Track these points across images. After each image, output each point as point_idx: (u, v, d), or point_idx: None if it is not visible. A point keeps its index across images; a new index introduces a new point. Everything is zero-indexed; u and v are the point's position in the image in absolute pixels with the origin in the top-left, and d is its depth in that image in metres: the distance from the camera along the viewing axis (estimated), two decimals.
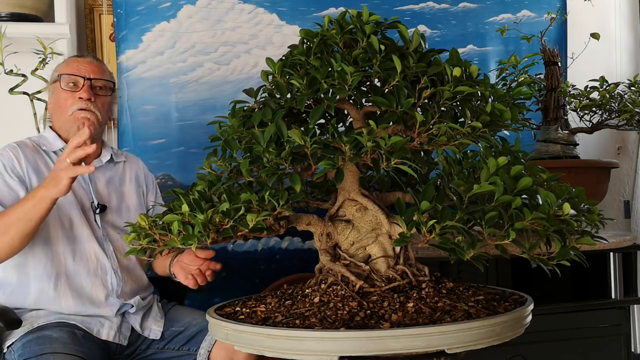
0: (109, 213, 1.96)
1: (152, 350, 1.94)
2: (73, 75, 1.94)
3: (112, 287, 1.89)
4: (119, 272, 1.91)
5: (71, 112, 1.91)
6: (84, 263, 1.87)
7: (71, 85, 1.93)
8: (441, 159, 1.34)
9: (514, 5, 3.07)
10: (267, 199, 1.25)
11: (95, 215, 1.92)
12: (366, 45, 1.31)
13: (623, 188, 3.38)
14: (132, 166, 2.11)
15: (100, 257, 1.89)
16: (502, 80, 2.37)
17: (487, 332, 1.19)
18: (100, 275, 1.88)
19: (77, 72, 1.94)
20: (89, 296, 1.85)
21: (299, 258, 2.77)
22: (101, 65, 2.03)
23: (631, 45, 3.41)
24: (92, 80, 1.94)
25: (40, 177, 1.86)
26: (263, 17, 2.83)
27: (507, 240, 1.16)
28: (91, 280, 1.87)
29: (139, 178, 2.10)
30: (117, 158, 2.07)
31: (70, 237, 1.87)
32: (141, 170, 2.14)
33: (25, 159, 1.87)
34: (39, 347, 1.67)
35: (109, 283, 1.89)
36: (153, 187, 2.15)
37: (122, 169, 2.07)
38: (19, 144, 1.91)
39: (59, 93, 1.95)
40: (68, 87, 1.93)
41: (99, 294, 1.87)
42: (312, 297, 1.32)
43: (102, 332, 1.83)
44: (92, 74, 1.95)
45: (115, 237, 1.94)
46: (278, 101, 1.38)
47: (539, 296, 1.57)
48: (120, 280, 1.90)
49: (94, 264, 1.88)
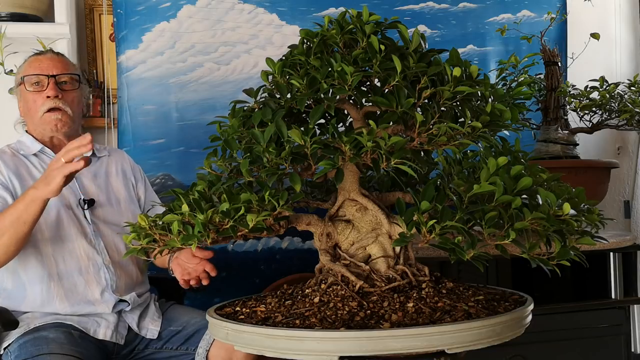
0: (98, 207, 1.94)
1: (150, 350, 1.93)
2: (35, 75, 1.90)
3: (107, 282, 1.88)
4: (111, 267, 1.90)
5: (41, 114, 1.89)
6: (74, 262, 1.86)
7: (36, 86, 1.90)
8: (441, 159, 1.34)
9: (514, 5, 3.07)
10: (267, 199, 1.25)
11: (84, 211, 1.91)
12: (366, 45, 1.31)
13: (623, 188, 3.38)
14: (116, 159, 2.09)
15: (91, 254, 1.88)
16: (502, 80, 2.37)
17: (487, 332, 1.19)
18: (92, 272, 1.87)
19: (39, 71, 1.91)
20: (83, 295, 1.85)
21: (299, 258, 2.77)
22: (64, 59, 1.99)
23: (631, 45, 3.41)
24: (56, 76, 1.90)
25: (22, 181, 1.85)
26: (263, 17, 2.83)
27: (507, 240, 1.16)
28: (84, 279, 1.86)
29: (125, 170, 2.09)
30: (100, 153, 2.06)
31: (59, 238, 1.86)
32: (127, 162, 2.12)
33: (5, 166, 1.86)
34: (36, 348, 1.67)
35: (102, 279, 1.88)
36: (141, 177, 2.14)
37: (107, 163, 2.06)
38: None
39: (25, 95, 1.92)
40: (33, 88, 1.90)
41: (94, 291, 1.86)
42: (312, 297, 1.32)
43: (98, 332, 1.83)
44: (55, 70, 1.91)
45: (106, 232, 1.93)
46: (278, 101, 1.38)
47: (539, 296, 1.57)
48: (114, 275, 1.90)
49: (84, 262, 1.87)
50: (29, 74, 1.91)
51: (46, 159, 1.93)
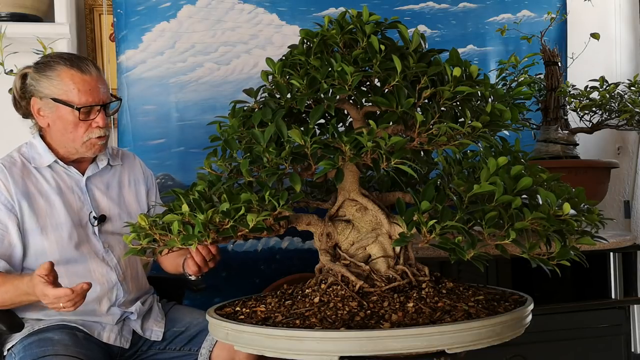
0: (108, 222, 1.90)
1: (154, 350, 1.92)
2: (89, 106, 1.77)
3: (117, 299, 1.85)
4: (124, 284, 1.87)
5: (87, 139, 1.80)
6: (89, 281, 1.80)
7: (85, 114, 1.78)
8: (441, 159, 1.34)
9: (514, 5, 3.07)
10: (267, 199, 1.25)
11: (94, 227, 1.86)
12: (366, 45, 1.31)
13: (623, 188, 3.38)
14: (129, 168, 2.03)
15: (105, 272, 1.83)
16: (502, 80, 2.37)
17: (487, 332, 1.19)
18: (107, 289, 1.83)
19: (92, 100, 1.77)
20: (91, 310, 1.81)
21: (299, 258, 2.76)
22: (103, 76, 1.86)
23: (631, 45, 3.41)
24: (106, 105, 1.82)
25: (30, 201, 1.78)
26: (263, 17, 2.83)
27: (507, 240, 1.16)
28: (97, 296, 1.81)
29: (137, 179, 2.02)
30: (113, 161, 1.97)
31: (72, 259, 1.80)
32: (139, 169, 2.05)
33: (14, 184, 1.77)
34: (41, 350, 1.66)
35: (113, 295, 1.85)
36: (153, 184, 2.09)
37: (120, 173, 1.99)
38: (7, 165, 1.80)
39: (66, 116, 1.78)
40: (83, 117, 1.77)
41: (102, 307, 1.83)
42: (312, 297, 1.32)
43: (103, 335, 1.82)
44: (105, 97, 1.81)
45: (117, 246, 1.88)
46: (278, 101, 1.38)
47: (539, 296, 1.57)
48: (125, 292, 1.87)
49: (100, 280, 1.81)
50: (78, 102, 1.76)
51: (59, 170, 1.86)
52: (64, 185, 1.86)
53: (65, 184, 1.86)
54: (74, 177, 1.88)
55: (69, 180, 1.87)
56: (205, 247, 1.70)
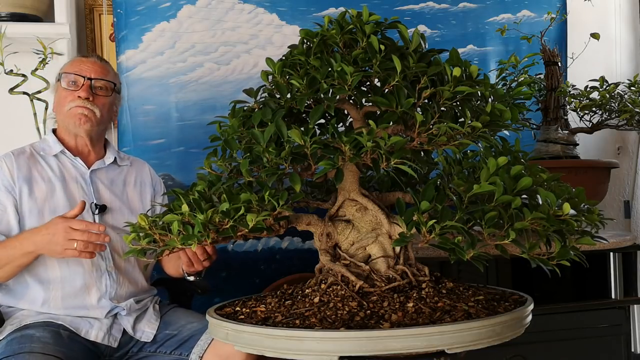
0: (108, 213, 1.94)
1: (144, 353, 1.91)
2: (74, 74, 1.95)
3: (106, 289, 1.87)
4: (113, 273, 1.89)
5: (69, 108, 1.92)
6: (78, 267, 1.85)
7: (71, 84, 1.94)
8: (441, 159, 1.34)
9: (514, 5, 3.07)
10: (267, 199, 1.25)
11: (94, 215, 1.91)
12: (366, 45, 1.31)
13: (623, 188, 3.38)
14: (137, 170, 2.09)
15: (95, 259, 1.86)
16: (502, 80, 2.37)
17: (487, 332, 1.19)
18: (95, 277, 1.87)
19: (78, 72, 1.95)
20: (80, 299, 1.84)
21: (299, 258, 2.77)
22: (105, 66, 2.02)
23: (631, 45, 3.41)
24: (92, 80, 1.94)
25: (31, 186, 1.86)
26: (263, 17, 2.83)
27: (507, 240, 1.16)
28: (86, 284, 1.85)
29: (144, 182, 2.08)
30: (121, 162, 2.06)
31: None
32: (147, 174, 2.11)
33: (17, 169, 1.87)
34: (19, 346, 1.67)
35: (103, 285, 1.87)
36: (161, 190, 2.13)
37: (126, 172, 2.06)
38: (16, 153, 1.92)
39: (60, 91, 1.97)
40: (68, 86, 1.95)
41: (92, 297, 1.85)
42: (312, 297, 1.32)
43: (90, 333, 1.82)
44: (94, 74, 1.96)
45: (114, 239, 1.91)
46: (278, 101, 1.38)
47: (539, 296, 1.57)
48: (115, 282, 1.89)
49: (88, 266, 1.86)
50: (68, 72, 1.96)
51: (65, 161, 1.95)
52: (68, 174, 1.94)
53: (69, 173, 1.94)
54: (80, 168, 1.96)
55: (73, 171, 1.95)
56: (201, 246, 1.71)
